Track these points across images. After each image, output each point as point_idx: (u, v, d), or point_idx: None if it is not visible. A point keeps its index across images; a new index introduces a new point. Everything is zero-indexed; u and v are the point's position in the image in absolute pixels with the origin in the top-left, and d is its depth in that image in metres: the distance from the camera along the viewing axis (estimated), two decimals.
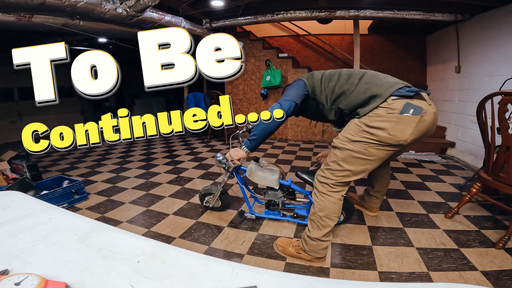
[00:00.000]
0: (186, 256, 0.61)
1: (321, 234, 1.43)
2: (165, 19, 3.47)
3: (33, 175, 2.72)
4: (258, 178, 1.79)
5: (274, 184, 1.78)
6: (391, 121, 1.24)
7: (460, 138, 3.74)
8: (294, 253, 1.54)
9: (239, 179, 1.96)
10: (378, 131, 1.26)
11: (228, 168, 1.85)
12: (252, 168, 1.82)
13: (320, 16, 3.91)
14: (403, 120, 1.23)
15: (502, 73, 2.93)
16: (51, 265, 0.57)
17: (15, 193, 0.96)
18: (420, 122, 1.24)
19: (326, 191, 1.42)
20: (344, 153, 1.35)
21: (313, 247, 1.46)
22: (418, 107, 1.23)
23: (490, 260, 1.48)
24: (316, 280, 0.53)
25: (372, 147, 1.29)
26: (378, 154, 1.31)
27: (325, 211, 1.42)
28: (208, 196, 2.12)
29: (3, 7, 2.34)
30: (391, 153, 1.35)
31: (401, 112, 1.23)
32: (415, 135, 1.26)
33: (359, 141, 1.31)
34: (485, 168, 1.83)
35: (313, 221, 1.46)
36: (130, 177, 3.02)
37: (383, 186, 1.91)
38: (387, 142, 1.27)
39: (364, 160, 1.33)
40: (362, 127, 1.30)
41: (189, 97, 5.15)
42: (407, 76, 5.05)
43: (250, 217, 1.97)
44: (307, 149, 4.31)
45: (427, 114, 1.26)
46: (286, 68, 4.84)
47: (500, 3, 2.99)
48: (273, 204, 1.88)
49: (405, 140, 1.26)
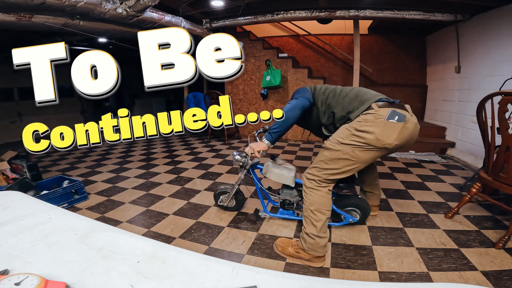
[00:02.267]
0: (186, 256, 0.61)
1: (316, 229, 1.47)
2: (165, 19, 3.47)
3: (33, 175, 2.72)
4: (274, 175, 1.78)
5: (290, 181, 1.77)
6: (378, 125, 1.36)
7: (460, 138, 3.74)
8: (293, 252, 1.56)
9: (254, 177, 1.94)
10: (367, 135, 1.37)
11: (245, 166, 1.85)
12: (269, 165, 1.81)
13: (320, 16, 3.91)
14: (389, 125, 1.35)
15: (502, 73, 2.93)
16: (51, 265, 0.57)
17: (15, 193, 0.96)
18: (404, 128, 1.37)
19: (313, 186, 1.51)
20: (333, 154, 1.45)
21: (312, 245, 1.48)
22: (402, 114, 1.36)
23: (490, 260, 1.48)
24: (316, 280, 0.53)
25: (359, 149, 1.40)
26: (363, 157, 1.42)
27: (315, 205, 1.49)
28: (223, 195, 2.10)
29: (3, 7, 2.34)
30: (375, 157, 1.46)
31: (387, 118, 1.36)
32: (398, 140, 1.37)
33: (348, 144, 1.42)
34: (485, 168, 1.83)
35: (306, 216, 1.53)
36: (130, 177, 3.02)
37: (372, 177, 1.97)
38: (374, 145, 1.37)
39: (349, 161, 1.43)
40: (351, 131, 1.42)
41: (189, 97, 5.15)
42: (407, 76, 5.06)
43: (264, 216, 1.96)
44: (307, 149, 4.31)
45: (409, 122, 1.39)
46: (286, 68, 4.84)
47: (500, 3, 2.99)
48: (288, 203, 1.85)
49: (390, 144, 1.36)
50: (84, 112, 7.24)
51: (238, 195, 2.08)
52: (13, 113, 5.74)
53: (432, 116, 4.64)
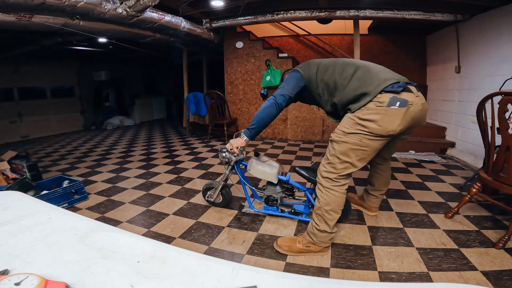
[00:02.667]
0: (186, 256, 0.61)
1: (329, 228, 1.50)
2: (165, 19, 3.47)
3: (33, 175, 2.72)
4: (257, 172, 1.84)
5: (273, 178, 1.84)
6: (379, 113, 1.33)
7: (460, 138, 3.74)
8: (303, 248, 1.57)
9: (239, 173, 1.99)
10: (369, 123, 1.35)
11: (229, 162, 1.90)
12: (252, 162, 1.87)
13: (320, 16, 3.91)
14: (390, 112, 1.32)
15: (502, 73, 2.94)
16: (51, 265, 0.57)
17: (15, 193, 0.96)
18: (407, 113, 1.33)
19: (330, 186, 1.48)
20: (342, 146, 1.42)
21: (323, 238, 1.53)
22: (404, 100, 1.31)
23: (490, 260, 1.48)
24: (316, 280, 0.53)
25: (366, 138, 1.37)
26: (373, 145, 1.39)
27: (331, 205, 1.48)
28: (210, 190, 2.16)
29: (3, 7, 2.34)
30: (385, 143, 1.43)
31: (388, 105, 1.31)
32: (403, 125, 1.34)
33: (354, 133, 1.39)
34: (485, 168, 1.83)
35: (319, 215, 1.52)
36: (130, 177, 3.02)
37: (382, 184, 1.93)
38: (378, 133, 1.35)
39: (360, 151, 1.40)
40: (355, 120, 1.39)
41: (189, 97, 5.15)
42: (407, 76, 5.03)
43: (249, 212, 2.02)
44: (307, 149, 4.30)
45: (414, 105, 1.34)
46: (286, 68, 4.84)
47: (500, 3, 2.99)
48: (272, 199, 1.93)
49: (393, 131, 1.34)
50: (84, 112, 7.23)
51: (224, 191, 2.12)
52: (13, 113, 5.74)
53: (432, 116, 4.64)
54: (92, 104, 7.55)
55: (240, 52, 5.09)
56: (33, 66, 5.91)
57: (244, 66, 5.12)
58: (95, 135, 6.12)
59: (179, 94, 8.37)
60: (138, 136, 5.80)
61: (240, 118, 5.34)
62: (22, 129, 5.91)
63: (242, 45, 5.02)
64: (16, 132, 5.81)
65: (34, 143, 5.49)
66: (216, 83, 7.19)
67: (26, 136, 5.96)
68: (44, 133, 6.29)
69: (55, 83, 6.54)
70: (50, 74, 6.31)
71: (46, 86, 6.35)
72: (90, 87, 7.42)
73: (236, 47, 5.07)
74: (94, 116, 7.55)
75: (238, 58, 5.13)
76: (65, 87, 6.91)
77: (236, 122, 5.34)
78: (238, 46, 5.04)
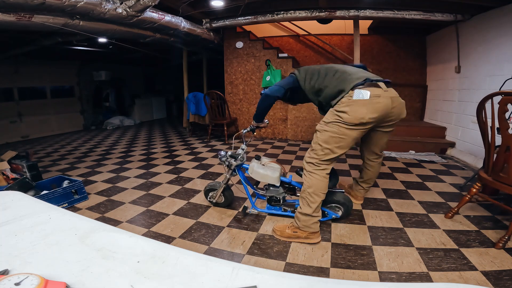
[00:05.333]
0: (186, 256, 0.61)
1: (311, 210, 1.64)
2: (165, 19, 3.47)
3: (33, 175, 2.72)
4: (259, 176, 1.85)
5: (275, 181, 1.85)
6: (348, 105, 1.57)
7: (460, 138, 3.74)
8: (291, 233, 1.70)
9: (241, 176, 2.00)
10: (343, 114, 1.57)
11: (230, 166, 1.90)
12: (254, 166, 1.87)
13: (320, 16, 3.91)
14: (356, 103, 1.55)
15: (502, 73, 2.93)
16: (51, 265, 0.57)
17: (15, 193, 0.96)
18: (372, 104, 1.55)
19: (312, 170, 1.66)
20: (323, 134, 1.64)
21: (305, 222, 1.65)
22: (365, 92, 1.55)
23: (490, 260, 1.48)
24: (316, 280, 0.53)
25: (342, 127, 1.58)
26: (350, 133, 1.59)
27: (313, 187, 1.64)
28: (212, 191, 2.17)
29: (3, 7, 2.34)
30: (362, 132, 1.64)
31: (354, 97, 1.56)
32: (371, 114, 1.55)
33: (332, 122, 1.62)
34: (485, 168, 1.83)
35: (303, 198, 1.68)
36: (130, 177, 3.02)
37: (370, 176, 2.11)
38: (350, 121, 1.56)
39: (338, 138, 1.60)
40: (333, 112, 1.63)
41: (189, 97, 5.15)
42: (407, 76, 5.06)
43: (253, 212, 2.03)
44: (307, 149, 4.30)
45: (381, 97, 1.56)
46: (286, 68, 4.84)
47: (500, 3, 2.99)
48: (274, 199, 1.94)
49: (362, 118, 1.54)
50: (84, 112, 7.23)
51: (226, 192, 2.14)
52: (13, 113, 5.73)
53: (432, 116, 4.64)
54: (92, 104, 7.55)
55: (240, 52, 5.09)
56: (33, 66, 5.91)
57: (244, 66, 5.12)
58: (95, 135, 6.12)
59: (179, 94, 8.37)
60: (138, 136, 5.80)
61: (240, 118, 5.34)
62: (22, 129, 5.91)
63: (242, 45, 5.02)
64: (16, 132, 5.80)
65: (34, 143, 5.49)
66: (216, 83, 7.19)
67: (26, 136, 5.96)
68: (44, 133, 6.29)
69: (55, 83, 6.53)
70: (50, 74, 6.31)
71: (46, 86, 6.34)
72: (90, 87, 7.41)
73: (236, 47, 5.07)
74: (94, 116, 7.55)
75: (238, 58, 5.13)
76: (65, 87, 6.91)
77: (236, 122, 5.33)
78: (238, 46, 5.04)
